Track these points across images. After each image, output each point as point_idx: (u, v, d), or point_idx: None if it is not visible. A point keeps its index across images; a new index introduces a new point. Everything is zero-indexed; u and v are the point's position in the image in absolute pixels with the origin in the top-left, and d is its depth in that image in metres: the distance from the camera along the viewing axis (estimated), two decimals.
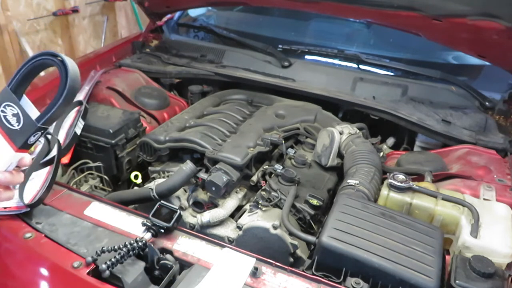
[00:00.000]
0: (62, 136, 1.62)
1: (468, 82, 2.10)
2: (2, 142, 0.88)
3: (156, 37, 2.75)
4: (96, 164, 1.77)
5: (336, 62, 2.32)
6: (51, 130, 1.62)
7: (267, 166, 1.68)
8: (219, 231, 1.50)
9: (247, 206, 1.54)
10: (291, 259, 1.38)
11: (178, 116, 1.98)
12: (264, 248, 1.37)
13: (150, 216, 1.17)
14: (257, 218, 1.42)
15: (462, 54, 2.21)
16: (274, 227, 1.36)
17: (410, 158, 1.71)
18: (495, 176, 1.51)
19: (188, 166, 1.53)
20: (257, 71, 2.27)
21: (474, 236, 1.20)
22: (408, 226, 1.17)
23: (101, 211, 1.29)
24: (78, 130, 1.67)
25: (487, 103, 1.96)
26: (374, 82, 2.13)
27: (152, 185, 1.57)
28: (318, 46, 2.37)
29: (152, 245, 1.10)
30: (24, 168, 0.98)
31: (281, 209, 1.45)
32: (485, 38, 1.71)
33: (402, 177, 1.39)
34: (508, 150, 1.70)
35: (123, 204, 1.39)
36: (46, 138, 1.41)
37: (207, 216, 1.49)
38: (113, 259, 1.04)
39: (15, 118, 0.87)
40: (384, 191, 1.39)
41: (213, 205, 1.58)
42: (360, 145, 1.68)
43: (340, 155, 1.73)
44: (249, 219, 1.44)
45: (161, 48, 2.60)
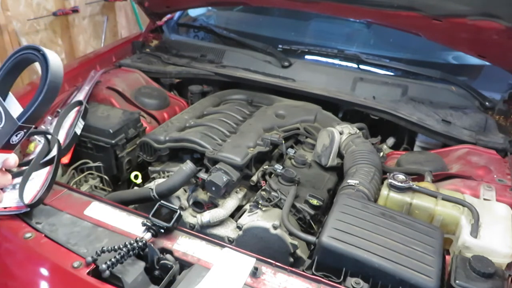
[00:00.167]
0: (62, 136, 1.63)
1: (468, 82, 2.10)
2: None
3: (156, 37, 2.75)
4: (96, 164, 1.77)
5: (336, 62, 2.32)
6: (51, 130, 1.62)
7: (267, 166, 1.68)
8: (219, 231, 1.50)
9: (247, 206, 1.54)
10: (291, 259, 1.38)
11: (178, 116, 1.98)
12: (264, 248, 1.37)
13: (150, 216, 1.17)
14: (257, 218, 1.42)
15: (462, 54, 2.21)
16: (274, 227, 1.36)
17: (410, 158, 1.71)
18: (495, 176, 1.51)
19: (188, 166, 1.53)
20: (257, 71, 2.27)
21: (474, 236, 1.20)
22: (408, 226, 1.17)
23: (101, 211, 1.29)
24: (78, 130, 1.67)
25: (487, 103, 1.96)
26: (374, 82, 2.13)
27: (152, 185, 1.57)
28: (318, 46, 2.37)
29: (152, 245, 1.10)
30: (10, 169, 0.91)
31: (281, 209, 1.45)
32: (485, 38, 1.71)
33: (402, 177, 1.39)
34: (508, 150, 1.70)
35: (123, 204, 1.39)
36: (46, 138, 1.41)
37: (207, 216, 1.49)
38: (113, 259, 1.04)
39: None
40: (384, 191, 1.39)
41: (213, 205, 1.58)
42: (360, 145, 1.68)
43: (340, 155, 1.73)
44: (249, 219, 1.44)
45: (161, 48, 2.60)
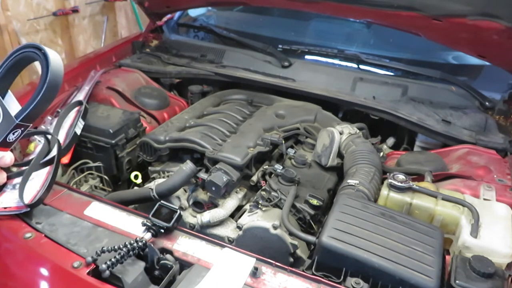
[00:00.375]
0: (62, 136, 1.63)
1: (468, 82, 2.10)
2: None
3: (156, 37, 2.74)
4: (96, 164, 1.77)
5: (336, 62, 2.32)
6: (51, 130, 1.62)
7: (267, 166, 1.68)
8: (219, 231, 1.50)
9: (247, 206, 1.54)
10: (291, 259, 1.38)
11: (178, 116, 1.98)
12: (264, 248, 1.37)
13: (150, 216, 1.17)
14: (257, 218, 1.41)
15: (462, 54, 2.21)
16: (274, 227, 1.36)
17: (410, 158, 1.71)
18: (495, 176, 1.51)
19: (188, 166, 1.53)
20: (257, 71, 2.27)
21: (474, 236, 1.20)
22: (408, 226, 1.17)
23: (101, 211, 1.28)
24: (78, 130, 1.67)
25: (487, 103, 1.96)
26: (374, 82, 2.13)
27: (152, 185, 1.57)
28: (318, 46, 2.37)
29: (152, 245, 1.10)
30: (6, 167, 0.92)
31: (281, 209, 1.45)
32: (485, 38, 1.71)
33: (402, 177, 1.39)
34: (508, 150, 1.70)
35: (123, 204, 1.39)
36: (46, 138, 1.41)
37: (207, 216, 1.49)
38: (113, 259, 1.04)
39: None
40: (384, 191, 1.39)
41: (213, 205, 1.58)
42: (360, 145, 1.68)
43: (340, 155, 1.73)
44: (249, 219, 1.43)
45: (161, 48, 2.60)
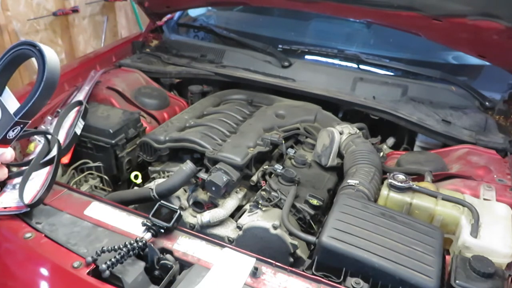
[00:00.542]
0: (62, 136, 1.63)
1: (468, 82, 2.10)
2: None
3: (156, 37, 2.74)
4: (96, 164, 1.77)
5: (336, 62, 2.32)
6: (51, 130, 1.62)
7: (267, 166, 1.68)
8: (219, 231, 1.50)
9: (247, 206, 1.54)
10: (291, 259, 1.38)
11: (178, 116, 1.98)
12: (264, 248, 1.37)
13: (150, 216, 1.17)
14: (257, 218, 1.41)
15: (462, 54, 2.21)
16: (274, 227, 1.36)
17: (410, 158, 1.71)
18: (495, 176, 1.51)
19: (188, 166, 1.53)
20: (257, 71, 2.27)
21: (474, 236, 1.20)
22: (408, 226, 1.17)
23: (101, 211, 1.28)
24: (78, 130, 1.67)
25: (487, 103, 1.96)
26: (374, 82, 2.13)
27: (152, 185, 1.57)
28: (318, 46, 2.37)
29: (152, 245, 1.10)
30: (6, 163, 0.93)
31: (281, 209, 1.45)
32: (485, 38, 1.71)
33: (402, 177, 1.39)
34: (508, 150, 1.70)
35: (123, 204, 1.39)
36: (46, 138, 1.41)
37: (207, 216, 1.48)
38: (113, 259, 1.04)
39: None
40: (384, 191, 1.39)
41: (213, 205, 1.58)
42: (360, 145, 1.68)
43: (340, 155, 1.73)
44: (249, 219, 1.43)
45: (161, 48, 2.60)
